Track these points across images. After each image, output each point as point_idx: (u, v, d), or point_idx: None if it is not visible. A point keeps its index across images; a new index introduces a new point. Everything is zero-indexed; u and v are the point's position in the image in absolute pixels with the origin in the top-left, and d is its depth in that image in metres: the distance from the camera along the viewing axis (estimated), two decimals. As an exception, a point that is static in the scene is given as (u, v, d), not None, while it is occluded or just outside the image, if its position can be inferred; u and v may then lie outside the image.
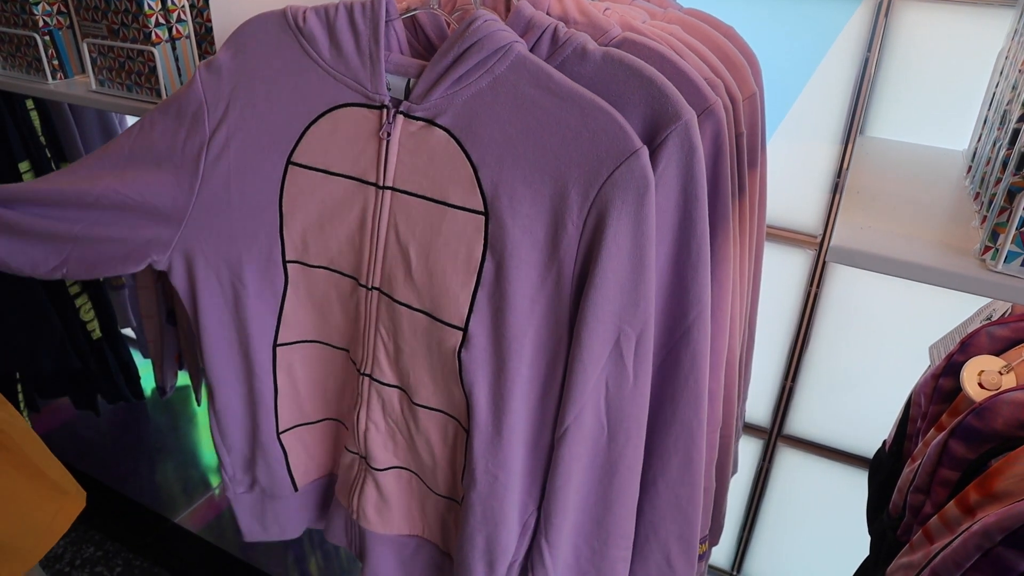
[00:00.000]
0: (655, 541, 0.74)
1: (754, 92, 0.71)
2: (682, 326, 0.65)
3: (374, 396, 0.76)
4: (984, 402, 0.71)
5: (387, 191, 0.67)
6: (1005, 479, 0.63)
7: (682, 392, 0.67)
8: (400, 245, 0.68)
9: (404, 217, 0.67)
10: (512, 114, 0.61)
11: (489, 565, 0.75)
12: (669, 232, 0.62)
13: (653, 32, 0.68)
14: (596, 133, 0.58)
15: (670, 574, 0.75)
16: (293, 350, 0.81)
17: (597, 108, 0.58)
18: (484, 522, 0.72)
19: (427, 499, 0.81)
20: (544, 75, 0.60)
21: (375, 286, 0.71)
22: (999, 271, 0.56)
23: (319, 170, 0.70)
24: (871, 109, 0.98)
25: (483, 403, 0.68)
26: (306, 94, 0.69)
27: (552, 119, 0.59)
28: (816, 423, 1.28)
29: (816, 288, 1.15)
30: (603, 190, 0.58)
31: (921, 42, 0.93)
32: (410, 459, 0.79)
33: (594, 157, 0.58)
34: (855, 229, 0.62)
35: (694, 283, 0.63)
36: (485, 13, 0.62)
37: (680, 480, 0.70)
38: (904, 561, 0.72)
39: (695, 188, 0.60)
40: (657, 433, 0.69)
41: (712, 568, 1.51)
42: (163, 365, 1.48)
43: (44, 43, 1.06)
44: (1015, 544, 0.57)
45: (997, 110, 0.68)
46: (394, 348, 0.73)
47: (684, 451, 0.69)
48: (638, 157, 0.57)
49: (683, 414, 0.67)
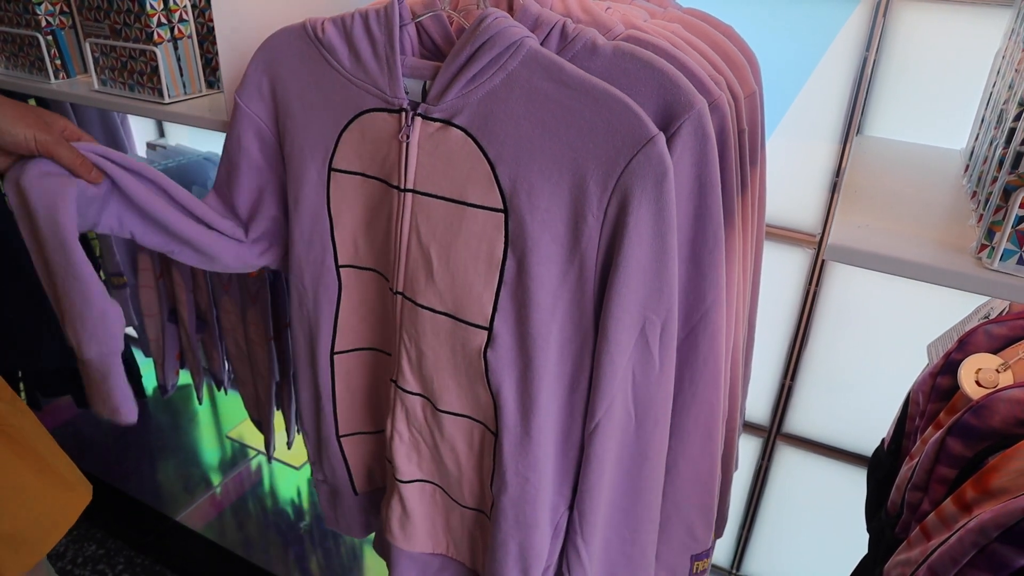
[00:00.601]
0: (677, 517, 0.75)
1: (754, 90, 0.72)
2: (700, 309, 0.65)
3: (399, 404, 0.76)
4: (981, 400, 0.71)
5: (408, 193, 0.68)
6: (1001, 476, 0.64)
7: (702, 373, 0.68)
8: (422, 248, 0.68)
9: (425, 219, 0.67)
10: (527, 109, 0.61)
11: (523, 572, 0.75)
12: (685, 219, 0.62)
13: (655, 30, 0.68)
14: (612, 123, 0.58)
15: (693, 544, 0.76)
16: (349, 358, 0.81)
17: (611, 97, 0.58)
18: (517, 527, 0.72)
19: (452, 513, 0.81)
20: (556, 68, 0.60)
21: (399, 291, 0.72)
22: (995, 269, 0.56)
23: (357, 174, 0.71)
24: (869, 108, 0.98)
25: (511, 403, 0.68)
26: (334, 102, 0.69)
27: (567, 111, 0.59)
28: (815, 421, 1.28)
29: (815, 287, 1.16)
30: (622, 179, 0.58)
31: (920, 42, 0.93)
32: (434, 471, 0.79)
33: (611, 147, 0.58)
34: (853, 228, 0.62)
35: (711, 268, 0.64)
36: (495, 11, 0.62)
37: (701, 455, 0.71)
38: (902, 558, 0.73)
39: (709, 175, 0.61)
40: (678, 414, 0.70)
41: (712, 566, 1.51)
42: (164, 364, 1.48)
43: (47, 43, 1.06)
44: (1011, 540, 0.57)
45: (994, 110, 0.69)
46: (416, 354, 0.73)
47: (705, 428, 0.70)
48: (655, 144, 0.57)
49: (703, 393, 0.68)
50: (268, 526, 1.73)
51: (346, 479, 0.90)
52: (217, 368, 1.42)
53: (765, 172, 0.79)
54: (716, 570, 1.51)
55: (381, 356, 0.81)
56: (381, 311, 0.77)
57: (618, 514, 0.72)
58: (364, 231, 0.73)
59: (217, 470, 1.90)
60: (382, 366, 0.81)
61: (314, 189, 0.72)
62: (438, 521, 0.82)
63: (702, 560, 0.78)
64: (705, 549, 0.77)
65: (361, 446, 0.88)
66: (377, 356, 0.81)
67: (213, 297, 1.31)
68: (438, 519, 0.82)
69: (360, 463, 0.89)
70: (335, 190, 0.72)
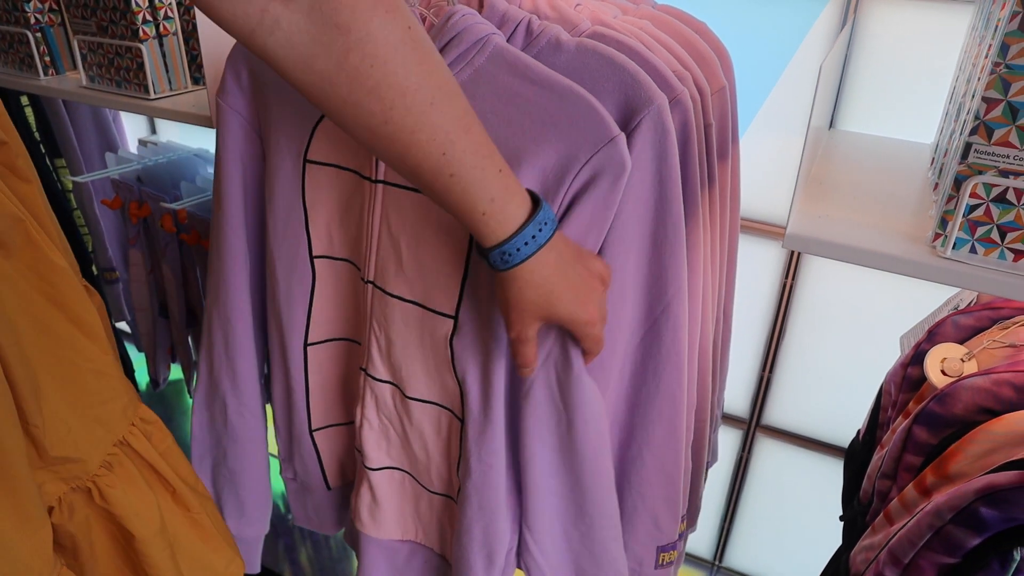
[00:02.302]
0: (643, 507, 0.76)
1: (723, 86, 0.73)
2: (662, 302, 0.67)
3: (368, 392, 0.78)
4: (945, 388, 0.73)
5: (379, 185, 0.69)
6: (958, 461, 0.65)
7: (664, 365, 0.69)
8: (392, 238, 0.69)
9: (395, 210, 0.69)
10: (493, 105, 0.62)
11: (488, 557, 0.76)
12: (647, 213, 0.63)
13: (623, 27, 0.69)
14: (574, 119, 0.59)
15: (658, 535, 0.77)
16: (322, 349, 0.82)
17: (575, 95, 0.59)
18: (481, 512, 0.74)
19: (421, 499, 0.82)
20: (522, 64, 0.61)
21: (370, 279, 0.73)
22: (948, 257, 0.58)
23: (332, 165, 0.72)
24: (843, 103, 0.99)
25: (475, 391, 0.70)
26: None
27: (531, 106, 0.60)
28: (794, 413, 1.29)
29: (791, 280, 1.17)
30: (579, 176, 0.59)
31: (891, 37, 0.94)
32: (403, 458, 0.80)
33: (572, 143, 0.59)
34: (812, 218, 0.64)
35: (672, 261, 0.65)
36: (462, 8, 0.64)
37: (665, 447, 0.72)
38: (866, 543, 0.74)
39: (669, 170, 0.62)
40: (641, 406, 0.71)
41: (694, 558, 1.53)
42: (156, 358, 1.50)
43: (36, 40, 1.08)
44: (963, 523, 0.59)
45: (955, 103, 0.70)
46: (386, 342, 0.74)
47: (668, 420, 0.71)
48: (615, 144, 0.58)
49: (667, 386, 0.69)
50: (260, 519, 1.74)
51: (319, 474, 0.90)
52: (207, 362, 1.43)
53: (738, 166, 0.80)
54: (699, 562, 1.53)
55: (353, 346, 0.82)
56: (354, 301, 0.78)
57: (570, 507, 0.73)
58: (339, 222, 0.74)
59: (210, 464, 1.91)
60: (354, 356, 0.82)
61: (289, 181, 0.73)
62: (407, 508, 0.84)
63: (668, 552, 0.79)
64: (672, 541, 0.79)
65: (334, 439, 0.89)
66: (349, 346, 0.82)
67: (203, 292, 1.32)
68: (407, 506, 0.83)
69: (332, 457, 0.90)
70: (310, 181, 0.73)
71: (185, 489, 0.71)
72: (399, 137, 0.47)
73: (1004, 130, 0.53)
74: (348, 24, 0.43)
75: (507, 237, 0.52)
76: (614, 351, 0.69)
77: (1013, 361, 0.72)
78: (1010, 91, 0.52)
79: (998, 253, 0.57)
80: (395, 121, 0.46)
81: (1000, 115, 0.53)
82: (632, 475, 0.74)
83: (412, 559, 0.87)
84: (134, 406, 0.67)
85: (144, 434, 0.67)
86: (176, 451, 0.72)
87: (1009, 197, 0.55)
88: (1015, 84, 0.52)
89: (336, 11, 0.43)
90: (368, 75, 0.44)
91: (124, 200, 1.31)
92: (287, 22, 0.43)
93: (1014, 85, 0.52)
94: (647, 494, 0.74)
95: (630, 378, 0.72)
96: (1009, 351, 0.75)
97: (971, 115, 0.55)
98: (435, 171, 0.48)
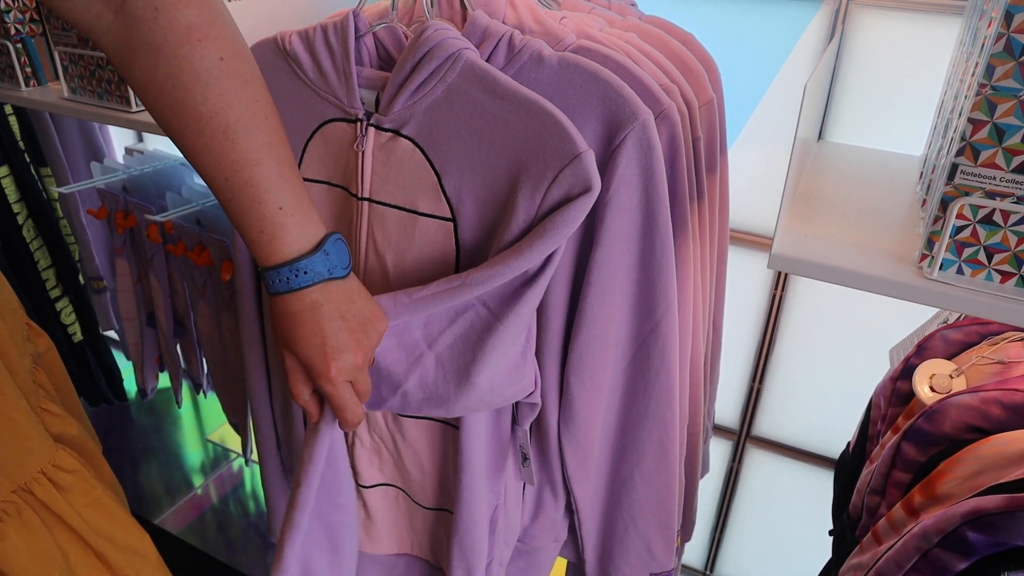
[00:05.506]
0: (635, 531, 0.75)
1: (711, 98, 0.72)
2: (651, 322, 0.66)
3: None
4: (934, 405, 0.72)
5: (364, 202, 0.68)
6: (946, 482, 0.65)
7: (654, 386, 0.68)
8: (378, 254, 0.69)
9: (380, 227, 0.68)
10: (467, 120, 0.61)
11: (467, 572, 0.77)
12: (634, 230, 0.62)
13: (608, 40, 0.68)
14: (541, 135, 0.58)
15: (651, 562, 0.76)
16: None
17: (541, 110, 0.58)
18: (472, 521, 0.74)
19: (415, 514, 0.82)
20: (491, 79, 0.60)
21: None
22: (934, 279, 0.57)
23: (323, 182, 0.71)
24: (831, 114, 0.99)
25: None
26: (302, 112, 0.70)
27: (500, 122, 0.59)
28: (784, 424, 1.29)
29: (780, 292, 1.16)
30: (549, 193, 0.58)
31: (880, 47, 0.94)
32: (396, 475, 0.80)
33: (540, 160, 0.58)
34: (798, 237, 0.63)
35: (660, 279, 0.64)
36: (436, 22, 0.63)
37: (656, 470, 0.71)
38: (854, 562, 0.73)
39: (656, 186, 0.61)
40: (631, 427, 0.71)
41: (686, 568, 1.52)
42: (143, 367, 1.49)
43: (16, 51, 1.07)
44: (950, 547, 0.58)
45: (943, 118, 0.69)
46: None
47: (658, 443, 0.70)
48: (581, 160, 0.57)
49: (656, 407, 0.69)
50: (249, 528, 1.73)
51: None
52: (196, 372, 1.42)
53: (727, 179, 0.79)
54: (690, 572, 1.52)
55: None
56: None
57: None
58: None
59: (199, 472, 1.90)
60: None
61: None
62: (402, 522, 0.83)
63: (663, 580, 0.78)
64: (666, 570, 0.78)
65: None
66: None
67: (190, 302, 1.31)
68: (401, 521, 0.83)
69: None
70: None
71: (107, 546, 0.67)
72: (192, 153, 0.53)
73: (990, 152, 0.53)
74: (160, 45, 0.49)
75: (266, 267, 0.56)
76: (604, 370, 0.68)
77: (1002, 378, 0.72)
78: (996, 112, 0.51)
79: (985, 274, 0.56)
80: (189, 139, 0.52)
81: (986, 136, 0.52)
82: (623, 496, 0.73)
83: (408, 572, 0.87)
84: (47, 452, 0.64)
85: (56, 483, 0.64)
86: (106, 504, 0.69)
87: (996, 219, 0.54)
88: (1001, 105, 0.51)
89: (152, 31, 0.49)
90: (170, 94, 0.51)
91: (110, 210, 1.30)
92: (115, 28, 0.50)
93: (1000, 106, 0.51)
94: (638, 517, 0.74)
95: (620, 398, 0.71)
96: (998, 367, 0.75)
97: (957, 135, 0.54)
98: (218, 191, 0.55)
